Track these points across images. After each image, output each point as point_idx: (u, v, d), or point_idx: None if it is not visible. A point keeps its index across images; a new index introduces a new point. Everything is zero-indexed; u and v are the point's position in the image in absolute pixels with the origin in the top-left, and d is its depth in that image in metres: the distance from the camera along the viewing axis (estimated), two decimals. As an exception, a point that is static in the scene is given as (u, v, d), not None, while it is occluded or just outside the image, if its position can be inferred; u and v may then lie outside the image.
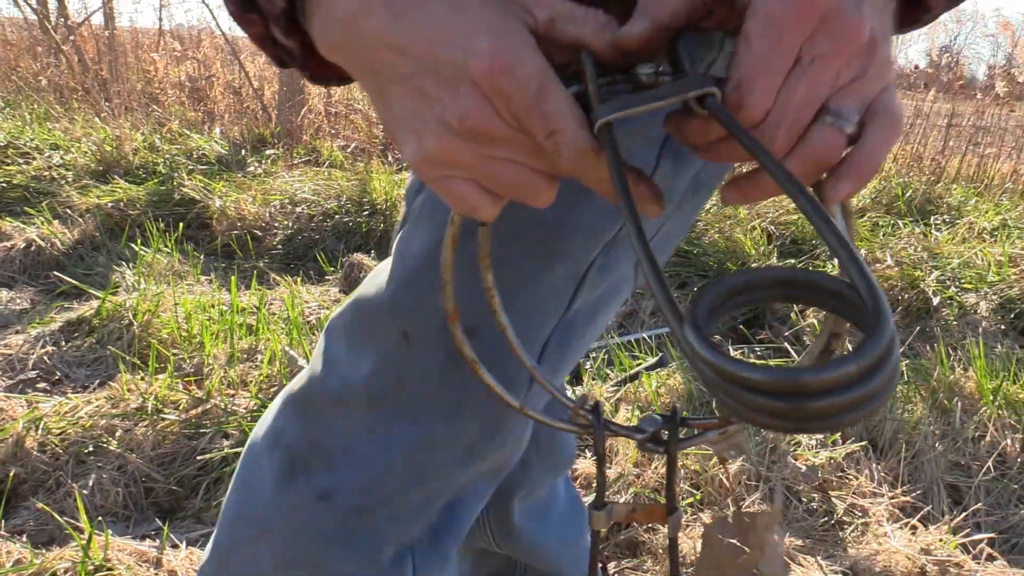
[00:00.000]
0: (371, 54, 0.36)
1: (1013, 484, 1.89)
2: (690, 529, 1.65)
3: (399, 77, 0.36)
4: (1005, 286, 2.81)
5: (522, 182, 0.37)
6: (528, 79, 0.34)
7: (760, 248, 3.20)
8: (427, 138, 0.36)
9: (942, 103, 6.23)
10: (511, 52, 0.34)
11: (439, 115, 0.35)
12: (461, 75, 0.34)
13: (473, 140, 0.36)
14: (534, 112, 0.34)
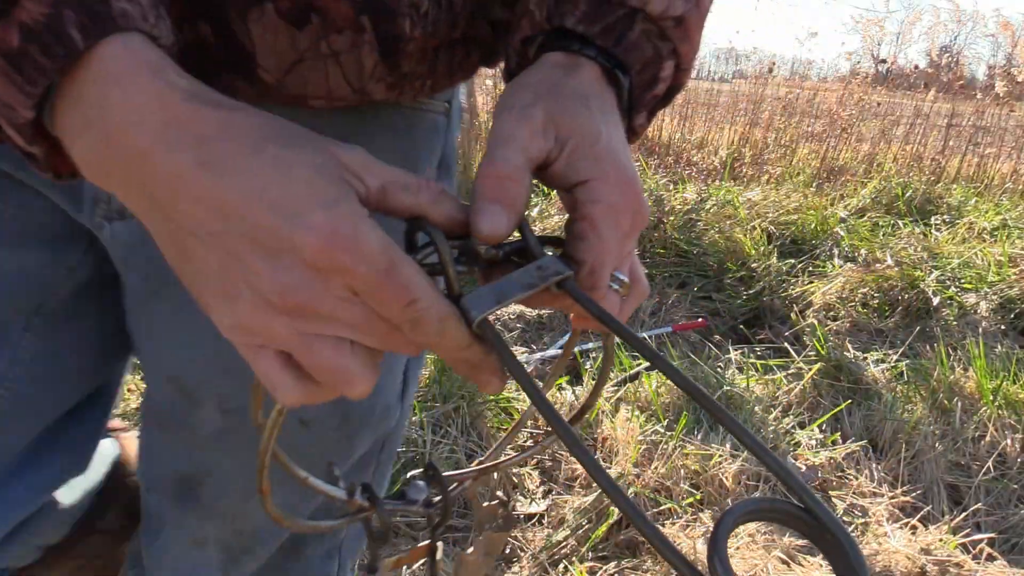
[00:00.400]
0: (168, 201, 0.32)
1: (1013, 484, 1.89)
2: (690, 529, 1.66)
3: (203, 233, 0.31)
4: (1005, 286, 2.81)
5: (342, 364, 0.33)
6: (375, 256, 0.31)
7: (760, 248, 3.20)
8: (239, 305, 0.32)
9: (942, 103, 6.23)
10: (349, 226, 0.31)
11: (254, 285, 0.31)
12: (284, 246, 0.31)
13: (294, 316, 0.32)
14: (387, 287, 0.32)
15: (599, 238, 0.38)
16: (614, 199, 0.39)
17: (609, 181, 0.39)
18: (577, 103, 0.40)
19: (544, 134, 0.39)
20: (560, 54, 0.43)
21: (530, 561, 1.59)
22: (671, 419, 2.02)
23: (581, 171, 0.39)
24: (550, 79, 0.41)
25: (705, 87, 8.40)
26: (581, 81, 0.42)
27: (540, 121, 0.39)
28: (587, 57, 0.43)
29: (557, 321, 2.85)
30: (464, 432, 1.84)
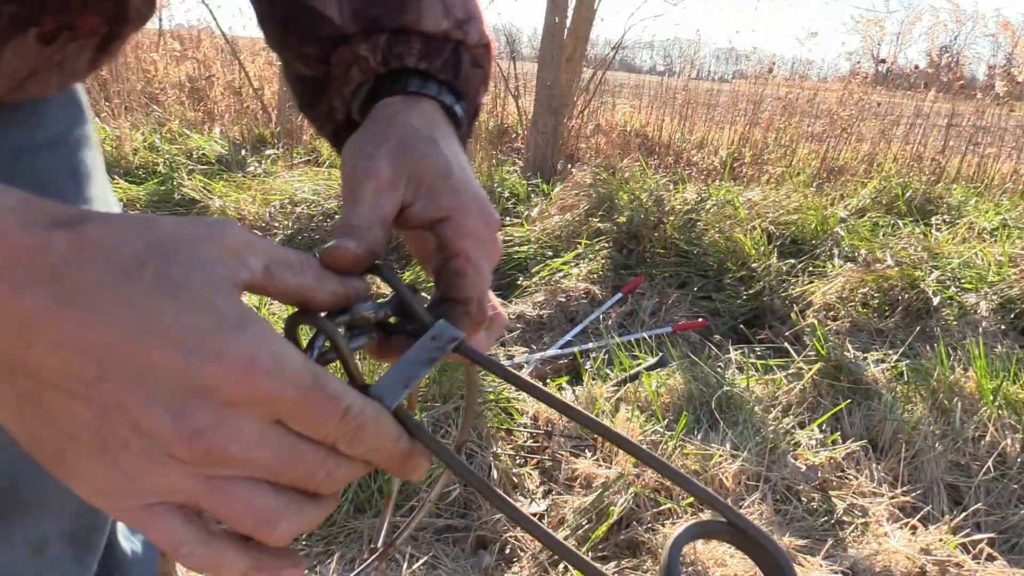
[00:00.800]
0: (18, 354, 0.26)
1: (1013, 484, 1.89)
2: (690, 529, 1.66)
3: (70, 384, 0.26)
4: (1005, 286, 2.81)
5: (264, 505, 0.29)
6: (300, 376, 0.28)
7: (760, 248, 3.20)
8: (125, 461, 0.27)
9: (942, 103, 6.23)
10: (266, 349, 0.27)
11: (151, 434, 0.26)
12: (192, 385, 0.26)
13: (201, 463, 0.27)
14: (318, 404, 0.28)
15: (477, 271, 0.40)
16: (480, 230, 0.40)
17: (471, 213, 0.40)
18: (425, 143, 0.41)
19: (394, 186, 0.40)
20: (398, 98, 0.45)
21: (530, 561, 1.59)
22: (671, 419, 2.01)
23: (442, 207, 0.40)
24: (394, 124, 0.42)
25: (705, 87, 8.40)
26: (425, 120, 0.43)
27: (387, 175, 0.39)
28: (426, 96, 0.45)
29: (557, 321, 2.85)
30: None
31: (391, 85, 0.46)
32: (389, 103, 0.44)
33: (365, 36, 0.47)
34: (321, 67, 0.49)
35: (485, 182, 4.11)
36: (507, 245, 3.42)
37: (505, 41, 7.81)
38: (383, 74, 0.47)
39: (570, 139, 5.49)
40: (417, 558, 1.57)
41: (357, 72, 0.47)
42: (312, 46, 0.49)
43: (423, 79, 0.46)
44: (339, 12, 0.47)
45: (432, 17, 0.47)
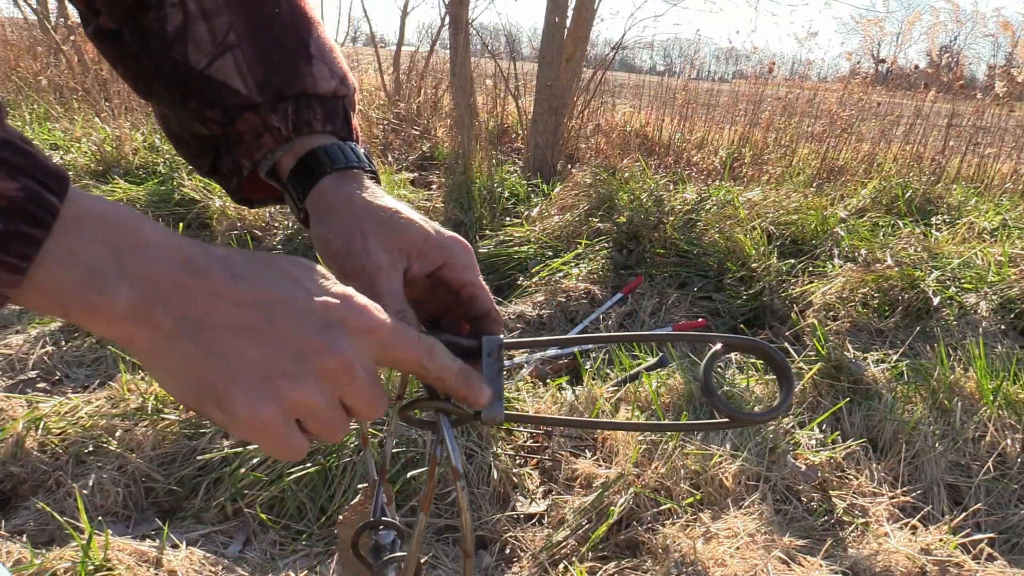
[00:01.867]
0: (204, 312, 0.36)
1: (1013, 484, 1.89)
2: (690, 529, 1.65)
3: (247, 327, 0.37)
4: (1005, 286, 2.81)
5: (342, 420, 0.41)
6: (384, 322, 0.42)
7: (760, 248, 3.20)
8: (281, 384, 0.37)
9: (942, 103, 6.23)
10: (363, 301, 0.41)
11: (304, 355, 0.37)
12: (332, 319, 0.39)
13: (329, 380, 0.39)
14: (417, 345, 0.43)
15: (483, 290, 0.52)
16: (468, 260, 0.52)
17: (457, 252, 0.51)
18: (393, 221, 0.51)
19: (395, 266, 0.50)
20: (333, 177, 0.53)
21: (530, 561, 1.59)
22: (671, 419, 2.01)
23: (435, 260, 0.51)
24: (354, 210, 0.51)
25: (705, 87, 8.40)
26: (373, 197, 0.52)
27: (387, 261, 0.49)
28: (354, 168, 0.54)
29: (557, 321, 2.85)
30: (464, 432, 1.84)
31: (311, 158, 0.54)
32: (330, 186, 0.53)
33: (271, 105, 0.54)
34: (219, 128, 0.55)
35: (485, 182, 4.11)
36: (507, 245, 3.42)
37: (505, 41, 7.80)
38: (293, 138, 0.55)
39: (570, 139, 5.49)
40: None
41: (269, 139, 0.55)
42: (215, 111, 0.54)
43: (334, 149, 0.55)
44: (244, 84, 0.53)
45: (323, 79, 0.55)
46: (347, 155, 0.55)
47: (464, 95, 5.11)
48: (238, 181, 0.58)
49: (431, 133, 5.77)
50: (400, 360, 0.43)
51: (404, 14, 7.57)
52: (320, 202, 0.53)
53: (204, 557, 1.50)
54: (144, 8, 0.52)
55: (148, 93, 0.57)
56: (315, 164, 0.54)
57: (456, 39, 5.26)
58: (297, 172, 0.55)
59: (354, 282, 0.47)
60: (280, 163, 0.56)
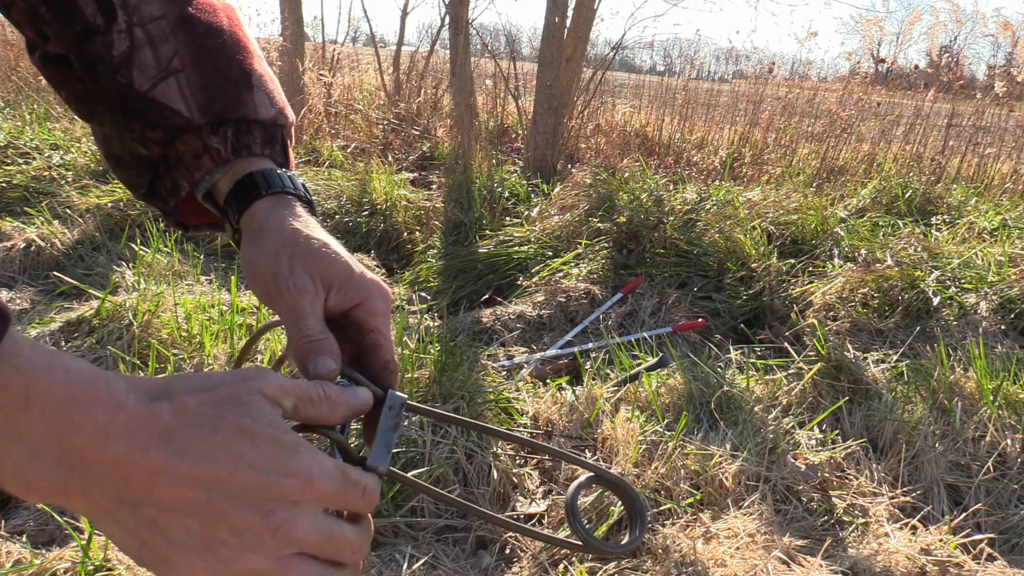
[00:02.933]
0: (143, 492, 0.37)
1: (1013, 484, 1.89)
2: (690, 529, 1.65)
3: (185, 506, 0.37)
4: (1005, 286, 2.81)
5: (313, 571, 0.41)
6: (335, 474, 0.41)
7: (760, 248, 3.20)
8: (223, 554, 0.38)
9: (942, 103, 6.23)
10: (315, 462, 0.40)
11: (246, 531, 0.38)
12: (273, 494, 0.38)
13: (280, 545, 0.39)
14: (350, 490, 0.42)
15: (386, 339, 0.53)
16: (382, 308, 0.53)
17: (374, 295, 0.52)
18: (320, 251, 0.52)
19: (318, 294, 0.50)
20: (267, 201, 0.54)
21: (530, 561, 1.59)
22: (671, 419, 2.01)
23: (353, 298, 0.52)
24: (284, 234, 0.52)
25: (705, 87, 8.40)
26: (303, 224, 0.54)
27: (311, 288, 0.50)
28: (287, 194, 0.55)
29: (557, 321, 2.85)
30: (464, 432, 1.84)
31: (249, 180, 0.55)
32: (264, 208, 0.54)
33: (212, 128, 0.55)
34: (159, 149, 0.56)
35: (485, 182, 4.11)
36: (507, 245, 3.42)
37: (505, 41, 7.80)
38: (232, 160, 0.56)
39: (570, 139, 5.49)
40: (417, 558, 1.57)
41: (208, 160, 0.56)
42: (157, 132, 0.55)
43: (271, 173, 0.56)
44: (186, 106, 0.55)
45: (264, 107, 0.57)
46: (283, 181, 0.56)
47: (464, 95, 5.11)
48: (175, 202, 0.59)
49: (431, 133, 5.77)
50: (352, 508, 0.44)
51: (404, 14, 7.57)
52: (252, 222, 0.54)
53: (204, 557, 1.50)
54: (92, 35, 0.54)
55: (90, 115, 0.59)
56: (252, 186, 0.55)
57: (456, 39, 5.26)
58: (235, 192, 0.56)
59: (277, 303, 0.50)
60: (217, 186, 0.57)
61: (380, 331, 0.52)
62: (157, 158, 0.58)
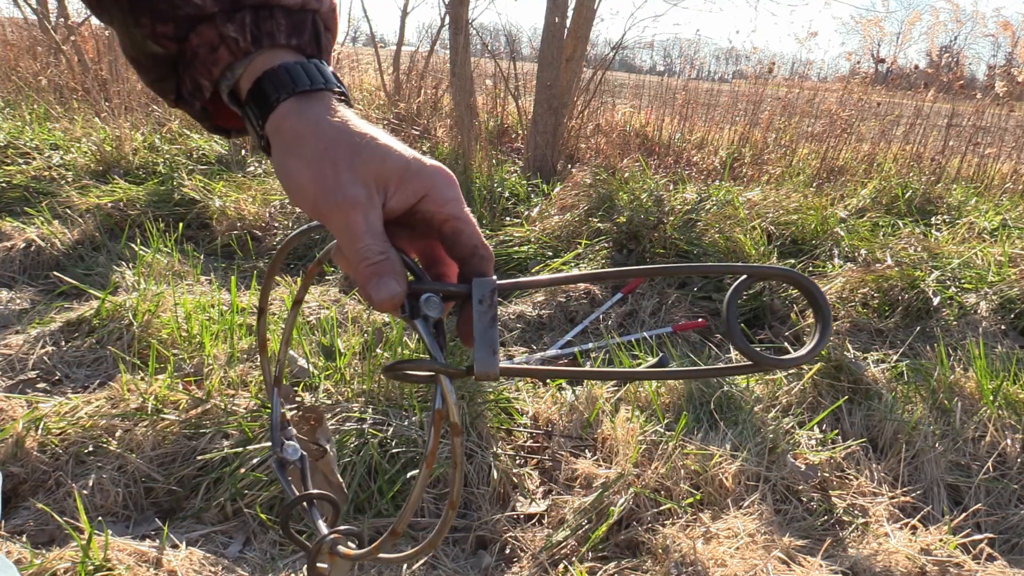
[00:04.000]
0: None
1: (1013, 484, 1.89)
2: (691, 529, 1.65)
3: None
4: (1005, 286, 2.81)
5: None
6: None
7: (760, 248, 3.20)
8: None
9: (942, 103, 6.23)
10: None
11: None
12: None
13: None
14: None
15: (468, 223, 0.47)
16: (451, 192, 0.47)
17: (439, 183, 0.47)
18: (368, 148, 0.46)
19: (372, 202, 0.45)
20: (293, 101, 0.48)
21: (530, 561, 1.59)
22: (671, 419, 2.01)
23: (416, 191, 0.47)
24: (321, 136, 0.47)
25: (705, 87, 8.40)
26: (344, 120, 0.48)
27: (364, 196, 0.45)
28: (323, 90, 0.49)
29: (557, 321, 2.85)
30: (464, 432, 1.83)
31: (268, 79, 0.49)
32: (294, 109, 0.48)
33: (227, 15, 0.48)
34: (174, 45, 0.50)
35: (485, 182, 4.11)
36: (507, 245, 3.42)
37: (505, 41, 7.80)
38: (253, 52, 0.49)
39: (570, 139, 5.49)
40: (417, 558, 1.57)
41: (225, 52, 0.49)
42: (168, 26, 0.49)
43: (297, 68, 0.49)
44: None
45: None
46: (312, 75, 0.49)
47: (464, 95, 5.11)
48: (201, 105, 0.53)
49: (431, 133, 5.77)
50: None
51: (404, 14, 7.57)
52: (282, 127, 0.48)
53: (204, 557, 1.50)
54: None
55: (100, 11, 0.53)
56: (277, 83, 0.48)
57: (456, 39, 5.26)
58: (255, 92, 0.49)
59: (328, 220, 0.46)
60: (240, 83, 0.50)
61: (458, 216, 0.47)
62: (174, 56, 0.52)
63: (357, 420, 1.79)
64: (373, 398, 1.89)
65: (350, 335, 2.35)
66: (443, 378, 0.44)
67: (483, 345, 0.44)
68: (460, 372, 0.44)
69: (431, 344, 0.45)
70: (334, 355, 2.16)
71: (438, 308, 0.45)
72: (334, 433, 1.75)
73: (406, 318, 0.45)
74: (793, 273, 0.44)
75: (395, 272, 0.44)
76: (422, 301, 0.45)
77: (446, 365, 0.44)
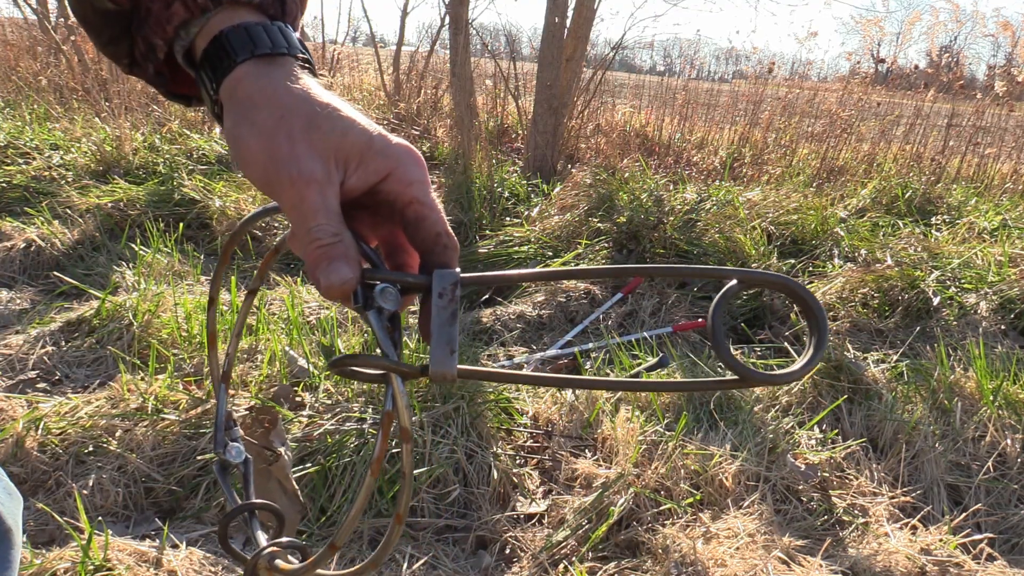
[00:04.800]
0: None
1: (1013, 484, 1.89)
2: (690, 529, 1.65)
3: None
4: (1005, 286, 2.81)
5: None
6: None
7: (760, 248, 3.20)
8: None
9: (942, 103, 6.23)
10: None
11: None
12: None
13: None
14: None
15: (432, 209, 0.44)
16: (417, 173, 0.44)
17: (404, 161, 0.43)
18: (328, 119, 0.42)
19: (330, 179, 0.42)
20: (251, 64, 0.44)
21: (530, 561, 1.59)
22: (671, 419, 2.01)
23: (378, 170, 0.43)
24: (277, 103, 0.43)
25: (705, 87, 8.40)
26: (305, 88, 0.43)
27: (321, 172, 0.41)
28: (278, 55, 0.44)
29: (557, 321, 2.85)
30: (464, 432, 1.83)
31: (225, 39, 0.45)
32: (250, 73, 0.44)
33: None
34: (126, 1, 0.47)
35: (485, 182, 4.11)
36: (507, 245, 3.42)
37: (505, 41, 7.80)
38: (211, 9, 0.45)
39: (570, 139, 5.49)
40: (417, 558, 1.57)
41: (181, 8, 0.45)
42: None
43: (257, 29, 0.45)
44: None
45: None
46: (274, 38, 0.45)
47: (464, 95, 5.11)
48: (155, 69, 0.49)
49: (431, 133, 5.77)
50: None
51: (404, 14, 7.57)
52: (237, 91, 0.43)
53: (204, 557, 1.50)
54: None
55: None
56: (235, 44, 0.44)
57: (456, 39, 5.26)
58: (211, 52, 0.45)
59: (279, 195, 0.42)
60: (195, 43, 0.46)
61: (421, 200, 0.44)
62: (128, 13, 0.48)
63: (357, 420, 1.79)
64: (373, 398, 1.89)
65: (350, 335, 2.35)
66: (395, 378, 0.40)
67: (440, 343, 0.40)
68: (413, 371, 0.40)
69: (383, 339, 0.41)
70: (334, 355, 2.16)
71: (394, 300, 0.41)
72: (334, 433, 1.75)
73: (359, 309, 0.42)
74: (787, 280, 0.41)
75: (347, 257, 0.41)
76: (377, 292, 0.41)
77: (398, 363, 0.40)
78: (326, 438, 1.74)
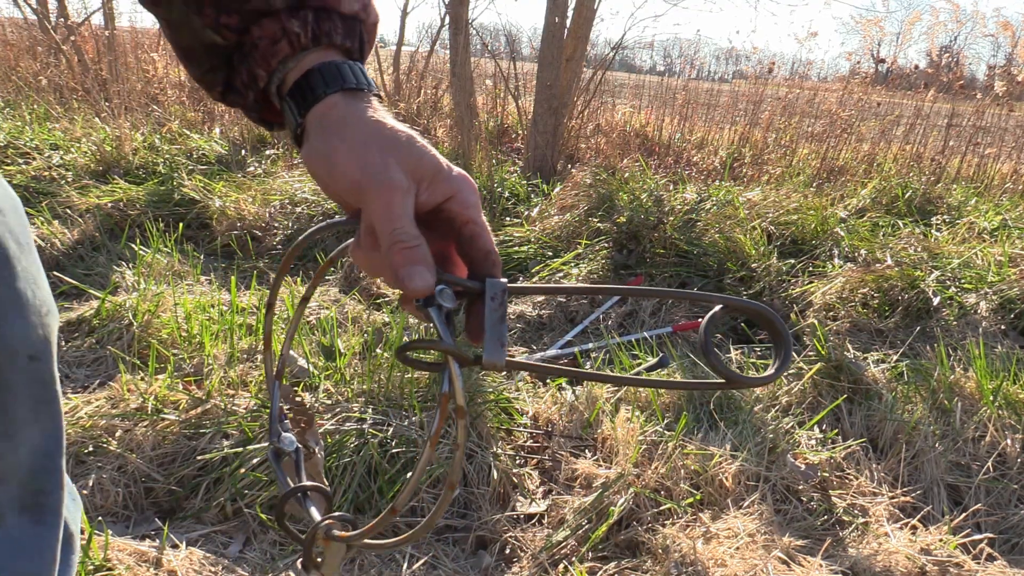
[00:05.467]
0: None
1: (1013, 484, 1.89)
2: (690, 529, 1.65)
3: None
4: (1005, 286, 2.81)
5: None
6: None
7: (760, 248, 3.20)
8: None
9: (942, 103, 6.23)
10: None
11: None
12: None
13: None
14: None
15: (485, 229, 0.52)
16: (474, 199, 0.52)
17: (464, 188, 0.51)
18: (407, 146, 0.50)
19: (409, 190, 0.49)
20: (339, 96, 0.52)
21: (530, 561, 1.59)
22: (671, 419, 2.01)
23: (445, 192, 0.51)
24: (364, 127, 0.50)
25: (705, 87, 8.40)
26: (386, 118, 0.51)
27: (403, 183, 0.48)
28: (361, 91, 0.53)
29: (557, 321, 2.85)
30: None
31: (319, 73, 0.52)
32: (341, 101, 0.51)
33: (291, 12, 0.52)
34: (234, 36, 0.53)
35: (485, 182, 4.11)
36: (507, 245, 3.42)
37: (505, 41, 7.81)
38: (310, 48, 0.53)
39: (570, 139, 5.49)
40: (417, 558, 1.57)
41: (286, 45, 0.52)
42: (233, 17, 0.52)
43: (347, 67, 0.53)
44: None
45: (346, 0, 0.54)
46: (357, 76, 0.53)
47: (464, 95, 5.11)
48: (254, 96, 0.56)
49: (431, 133, 5.77)
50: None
51: (404, 14, 7.57)
52: (329, 114, 0.51)
53: (204, 557, 1.50)
54: None
55: (155, 3, 0.55)
56: (328, 77, 0.52)
57: (456, 39, 5.26)
58: (302, 84, 0.53)
59: (368, 198, 0.48)
60: (287, 77, 0.54)
61: (477, 221, 0.51)
62: (232, 47, 0.54)
63: (357, 420, 1.79)
64: (373, 398, 1.89)
65: (350, 335, 2.35)
66: (452, 361, 0.46)
67: (493, 338, 0.48)
68: (469, 359, 0.47)
69: (443, 329, 0.47)
70: (334, 355, 2.16)
71: (452, 300, 0.48)
72: (334, 433, 1.75)
73: (420, 306, 0.48)
74: (763, 309, 0.52)
75: (426, 262, 0.47)
76: (437, 291, 0.48)
77: (457, 349, 0.46)
78: (326, 438, 1.74)
